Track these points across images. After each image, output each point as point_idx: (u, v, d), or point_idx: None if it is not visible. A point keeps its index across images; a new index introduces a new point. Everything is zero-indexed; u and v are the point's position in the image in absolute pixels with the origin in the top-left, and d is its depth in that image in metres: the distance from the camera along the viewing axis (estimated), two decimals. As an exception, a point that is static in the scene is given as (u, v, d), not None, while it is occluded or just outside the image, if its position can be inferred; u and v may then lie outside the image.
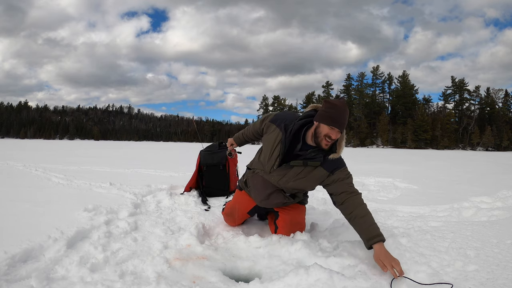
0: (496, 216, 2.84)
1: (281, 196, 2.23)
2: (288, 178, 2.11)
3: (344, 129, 1.97)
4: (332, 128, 1.91)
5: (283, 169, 2.11)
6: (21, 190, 3.80)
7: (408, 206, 3.54)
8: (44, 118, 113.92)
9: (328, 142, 1.96)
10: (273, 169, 2.14)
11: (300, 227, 2.38)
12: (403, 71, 70.00)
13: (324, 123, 1.93)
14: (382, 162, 12.64)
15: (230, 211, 2.53)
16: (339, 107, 1.92)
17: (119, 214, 2.76)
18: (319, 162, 2.01)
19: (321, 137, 1.95)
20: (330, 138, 1.93)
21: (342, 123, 1.92)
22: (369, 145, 62.59)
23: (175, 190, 3.97)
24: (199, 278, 1.77)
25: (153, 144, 54.99)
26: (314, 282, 1.56)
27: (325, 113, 1.93)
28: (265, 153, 2.19)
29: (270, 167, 2.15)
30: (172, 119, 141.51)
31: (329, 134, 1.92)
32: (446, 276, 1.64)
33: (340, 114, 1.91)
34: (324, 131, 1.93)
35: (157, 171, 6.85)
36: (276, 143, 2.09)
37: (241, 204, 2.49)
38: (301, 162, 2.03)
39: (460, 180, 6.34)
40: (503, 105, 64.01)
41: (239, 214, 2.49)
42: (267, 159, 2.16)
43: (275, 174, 2.15)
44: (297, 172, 2.07)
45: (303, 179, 2.08)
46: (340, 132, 1.96)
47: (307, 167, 2.04)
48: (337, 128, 1.91)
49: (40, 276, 1.59)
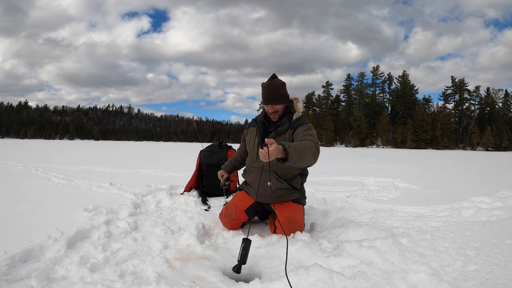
0: (496, 216, 2.84)
1: (276, 182, 2.34)
2: None
3: (277, 101, 2.32)
4: (267, 106, 2.35)
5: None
6: (21, 190, 3.80)
7: (408, 206, 3.54)
8: (44, 118, 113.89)
9: (274, 115, 2.36)
10: (256, 151, 2.38)
11: (299, 226, 2.38)
12: (403, 71, 69.93)
13: (264, 104, 2.37)
14: (382, 162, 12.64)
15: (227, 211, 2.54)
16: (265, 87, 2.35)
17: (119, 214, 2.77)
18: (287, 125, 2.33)
19: (268, 114, 2.39)
20: (271, 112, 2.35)
21: (272, 99, 2.32)
22: (369, 145, 62.56)
23: (175, 190, 3.97)
24: (199, 278, 1.77)
25: (153, 144, 54.98)
26: (314, 282, 1.56)
27: (262, 96, 2.36)
28: (250, 148, 2.52)
29: (255, 153, 2.41)
30: (172, 119, 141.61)
31: (270, 110, 2.35)
32: (446, 276, 1.64)
33: (268, 92, 2.32)
34: (267, 110, 2.37)
35: (157, 171, 6.85)
36: (254, 135, 2.47)
37: (239, 201, 2.53)
38: (274, 134, 2.35)
39: (460, 180, 6.34)
40: (503, 105, 63.95)
41: (236, 211, 2.49)
42: (252, 152, 2.47)
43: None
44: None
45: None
46: (276, 105, 2.32)
47: (281, 134, 2.34)
48: (270, 104, 2.33)
49: (40, 276, 1.59)
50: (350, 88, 73.24)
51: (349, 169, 9.09)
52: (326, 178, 6.29)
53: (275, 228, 2.41)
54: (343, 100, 74.20)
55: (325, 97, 74.77)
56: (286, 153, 1.82)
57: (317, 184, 5.25)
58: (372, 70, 72.54)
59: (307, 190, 4.36)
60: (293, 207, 2.43)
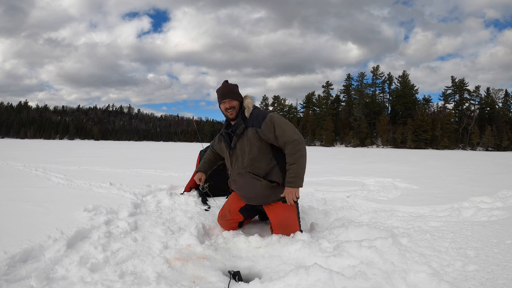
0: (496, 216, 2.84)
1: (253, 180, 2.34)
2: (241, 156, 2.39)
3: (231, 96, 2.41)
4: (224, 102, 2.42)
5: (233, 155, 2.43)
6: (21, 190, 3.80)
7: (408, 206, 3.54)
8: (44, 118, 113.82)
9: (231, 112, 2.41)
10: (231, 163, 2.45)
11: (292, 229, 2.34)
12: (403, 71, 69.87)
13: (220, 104, 2.46)
14: (382, 162, 12.64)
15: (223, 212, 2.59)
16: (220, 88, 2.47)
17: (119, 214, 2.76)
18: (243, 125, 2.35)
19: (225, 113, 2.45)
20: (227, 108, 2.41)
21: (228, 94, 2.41)
22: (369, 145, 62.52)
23: (175, 190, 3.97)
24: (199, 278, 1.77)
25: (153, 144, 54.97)
26: (314, 282, 1.56)
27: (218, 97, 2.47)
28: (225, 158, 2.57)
29: (230, 164, 2.47)
30: (172, 119, 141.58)
31: (225, 107, 2.42)
32: (446, 276, 1.64)
33: (223, 90, 2.43)
34: (223, 108, 2.44)
35: (157, 171, 6.85)
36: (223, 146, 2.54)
37: (232, 202, 2.57)
38: (235, 138, 2.39)
39: (460, 180, 6.34)
40: (503, 105, 63.91)
41: (230, 211, 2.53)
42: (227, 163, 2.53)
43: (234, 161, 2.43)
44: (241, 146, 2.38)
45: (248, 146, 2.35)
46: (232, 100, 2.40)
47: (242, 136, 2.37)
48: (227, 98, 2.40)
49: (40, 276, 1.59)
50: (350, 88, 73.22)
51: (349, 169, 9.09)
52: (326, 178, 6.29)
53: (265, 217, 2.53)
54: (343, 100, 74.20)
55: (325, 97, 74.78)
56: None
57: (317, 184, 5.26)
58: (372, 70, 72.56)
59: (307, 190, 4.39)
60: (284, 209, 2.35)
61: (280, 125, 2.27)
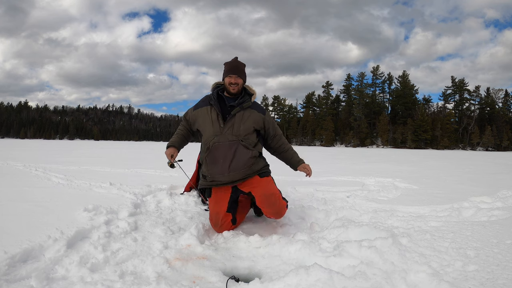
0: (496, 216, 2.84)
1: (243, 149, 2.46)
2: (237, 124, 2.47)
3: (240, 73, 2.53)
4: (230, 76, 2.51)
5: (230, 121, 2.48)
6: (21, 190, 3.80)
7: (408, 206, 3.54)
8: (44, 118, 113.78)
9: (234, 87, 2.52)
10: (221, 127, 2.47)
11: (276, 197, 2.52)
12: (403, 71, 69.84)
13: (225, 76, 2.54)
14: (382, 162, 12.64)
15: (213, 221, 2.58)
16: (230, 62, 2.57)
17: (119, 214, 2.76)
18: (250, 103, 2.54)
19: (228, 86, 2.53)
20: (232, 83, 2.51)
21: (237, 71, 2.52)
22: (369, 145, 62.53)
23: (175, 190, 3.97)
24: (199, 278, 1.77)
25: (153, 144, 54.98)
26: (314, 282, 1.56)
27: (224, 71, 2.57)
28: (207, 127, 2.53)
29: (218, 128, 2.48)
30: (172, 119, 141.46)
31: (230, 81, 2.51)
32: (446, 276, 1.64)
33: (231, 65, 2.54)
34: (227, 81, 2.52)
35: (157, 171, 6.85)
36: (210, 112, 2.53)
37: (216, 207, 2.54)
38: (238, 108, 2.49)
39: (460, 180, 6.34)
40: (503, 105, 63.91)
41: (219, 216, 2.52)
42: (211, 128, 2.50)
43: (226, 129, 2.46)
44: (240, 116, 2.49)
45: (248, 119, 2.51)
46: (238, 78, 2.51)
47: (245, 110, 2.51)
48: (233, 74, 2.50)
49: (40, 276, 1.59)
50: (350, 88, 73.24)
51: (349, 169, 9.09)
52: (326, 178, 6.29)
53: (260, 210, 2.59)
54: (343, 100, 74.22)
55: (325, 97, 74.80)
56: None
57: (317, 184, 5.25)
58: (372, 70, 72.59)
59: (307, 190, 4.41)
60: (264, 181, 2.52)
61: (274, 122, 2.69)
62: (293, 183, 4.87)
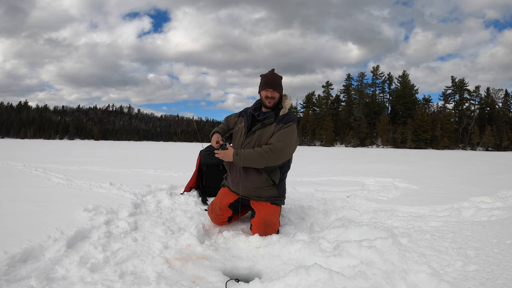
0: (496, 216, 2.84)
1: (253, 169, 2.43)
2: (254, 142, 2.47)
3: (276, 87, 2.50)
4: (267, 90, 2.49)
5: (249, 137, 2.50)
6: (21, 190, 3.80)
7: (408, 206, 3.54)
8: (44, 118, 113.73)
9: (270, 100, 2.51)
10: (242, 141, 2.50)
11: (273, 229, 2.46)
12: (403, 71, 69.77)
13: (261, 89, 2.53)
14: (382, 162, 12.64)
15: (213, 207, 2.64)
16: (267, 75, 2.55)
17: (119, 214, 2.76)
18: (273, 119, 2.49)
19: (264, 100, 2.53)
20: (268, 97, 2.50)
21: (271, 84, 2.50)
22: (369, 145, 62.50)
23: (175, 190, 3.97)
24: (199, 278, 1.77)
25: (153, 144, 54.97)
26: (314, 282, 1.56)
27: (260, 83, 2.56)
28: (236, 137, 2.60)
29: (240, 142, 2.51)
30: (172, 119, 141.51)
31: (267, 95, 2.50)
32: (446, 276, 1.64)
33: (268, 79, 2.52)
34: (263, 95, 2.52)
35: (157, 171, 6.85)
36: (241, 123, 2.59)
37: (222, 197, 2.62)
38: (260, 125, 2.49)
39: (460, 180, 6.34)
40: (503, 105, 63.86)
41: (220, 206, 2.58)
42: (236, 139, 2.57)
43: (246, 143, 2.48)
44: (260, 134, 2.48)
45: (264, 137, 2.47)
46: (275, 91, 2.49)
47: (265, 127, 2.48)
48: (270, 88, 2.49)
49: (40, 276, 1.59)
50: (350, 88, 73.19)
51: (349, 169, 9.09)
52: (326, 178, 6.29)
53: (251, 226, 2.52)
54: (343, 100, 74.18)
55: (325, 97, 74.74)
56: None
57: (317, 184, 5.26)
58: (372, 70, 72.52)
59: (307, 190, 4.40)
60: (271, 209, 2.50)
61: (285, 133, 2.45)
62: (293, 183, 4.86)
